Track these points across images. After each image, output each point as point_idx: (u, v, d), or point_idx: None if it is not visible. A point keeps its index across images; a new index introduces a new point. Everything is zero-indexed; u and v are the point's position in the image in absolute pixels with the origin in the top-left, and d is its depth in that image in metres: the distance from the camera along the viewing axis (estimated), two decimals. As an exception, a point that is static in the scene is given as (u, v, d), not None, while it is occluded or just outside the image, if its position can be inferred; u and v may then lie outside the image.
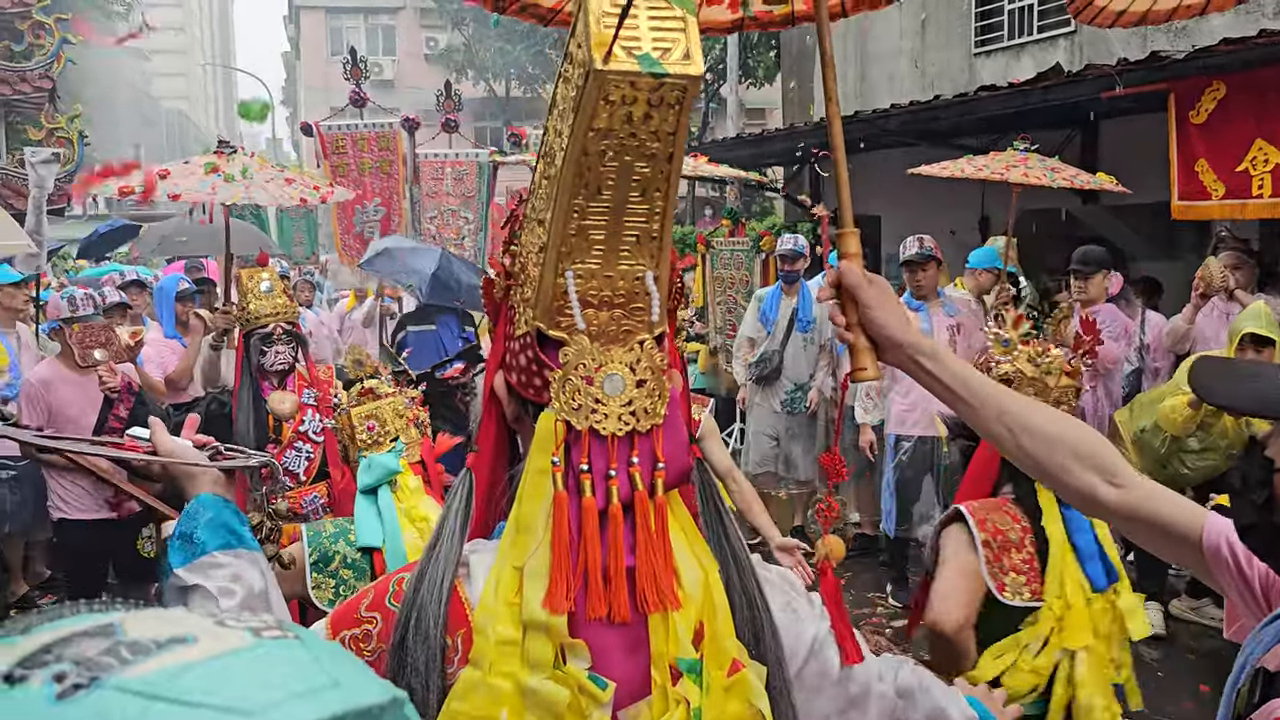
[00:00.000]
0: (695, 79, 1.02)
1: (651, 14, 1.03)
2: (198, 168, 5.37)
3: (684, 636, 1.10)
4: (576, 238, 1.11)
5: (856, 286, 1.35)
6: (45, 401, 4.80)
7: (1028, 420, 1.34)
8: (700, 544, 1.15)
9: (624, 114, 1.03)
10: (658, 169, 1.06)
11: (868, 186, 10.91)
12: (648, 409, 1.11)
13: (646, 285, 1.11)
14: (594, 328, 1.12)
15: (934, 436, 5.75)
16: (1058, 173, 5.96)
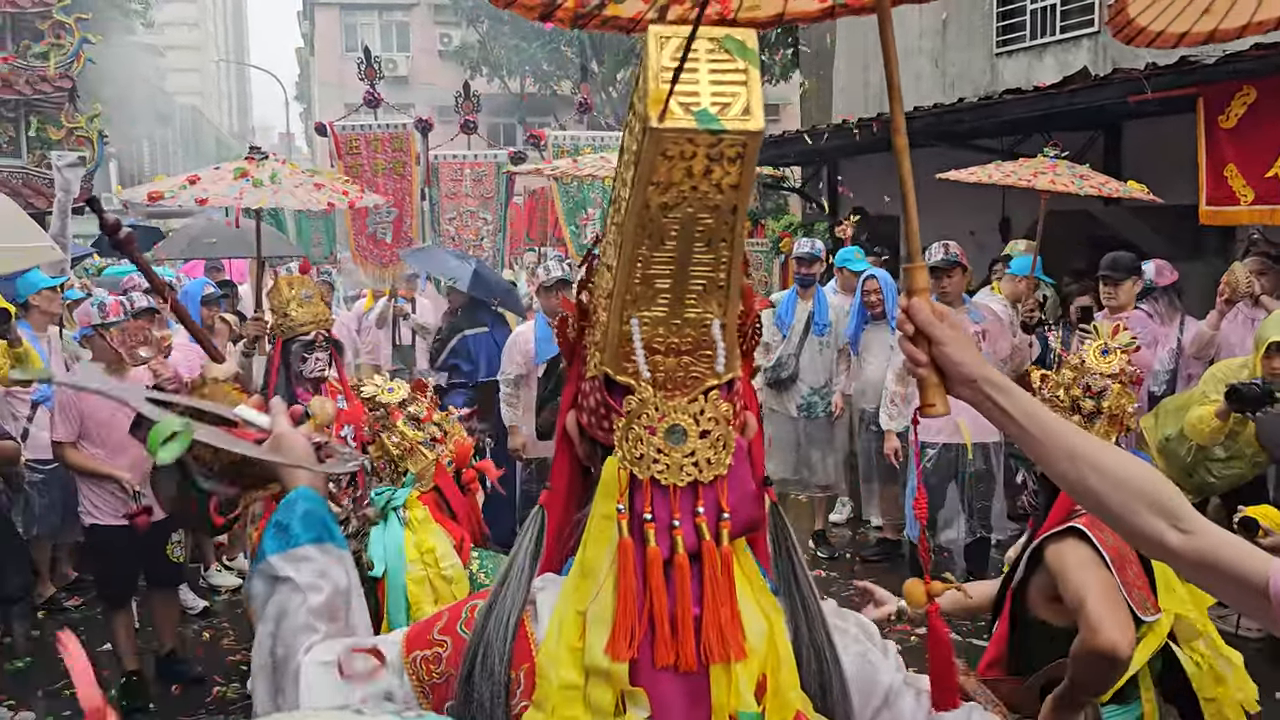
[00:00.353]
0: (755, 134, 1.01)
1: (713, 67, 1.03)
2: (227, 173, 5.40)
3: (746, 689, 1.10)
4: (641, 286, 1.12)
5: (928, 325, 1.36)
6: (78, 409, 4.82)
7: (1096, 459, 1.33)
8: (765, 594, 1.15)
9: (684, 169, 1.04)
10: (721, 220, 1.07)
11: (886, 186, 10.89)
12: (710, 460, 1.11)
13: (713, 334, 1.12)
14: (660, 374, 1.13)
15: (959, 444, 5.75)
16: (1086, 180, 5.93)
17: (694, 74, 1.02)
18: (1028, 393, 1.38)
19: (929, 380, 1.36)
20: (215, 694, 5.03)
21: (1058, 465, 1.35)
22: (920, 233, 5.61)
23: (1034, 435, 1.34)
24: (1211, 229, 7.09)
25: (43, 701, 4.97)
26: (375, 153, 9.82)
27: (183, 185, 5.52)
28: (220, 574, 6.60)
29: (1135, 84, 6.29)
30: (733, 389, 1.16)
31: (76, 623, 6.04)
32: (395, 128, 10.03)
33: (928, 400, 1.37)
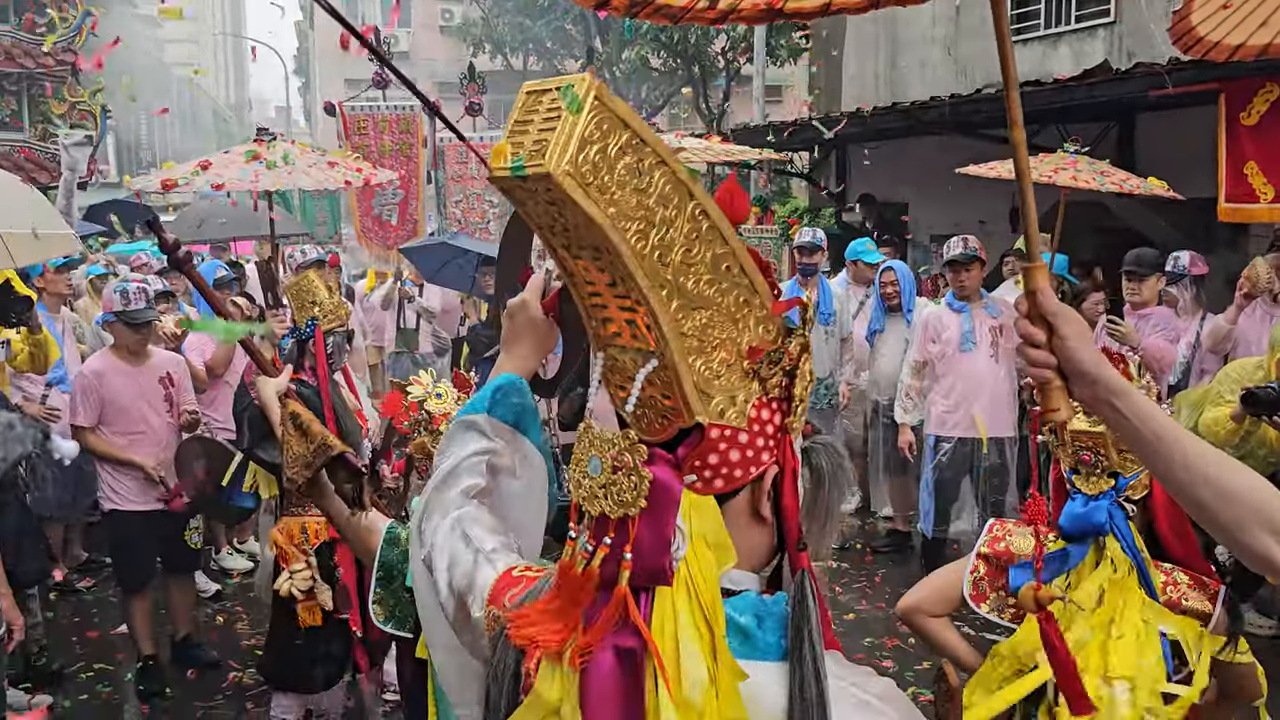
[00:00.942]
0: (544, 176, 1.01)
1: (546, 115, 1.05)
2: (238, 157, 5.36)
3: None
4: (596, 324, 1.15)
5: (1056, 314, 1.33)
6: (99, 393, 4.81)
7: (1210, 471, 1.30)
8: (725, 657, 1.08)
9: (543, 211, 1.07)
10: (608, 260, 1.06)
11: (897, 174, 10.87)
12: (620, 499, 1.10)
13: (636, 374, 1.12)
14: (618, 405, 1.17)
15: (974, 438, 5.76)
16: (1107, 177, 5.92)
17: (528, 124, 1.05)
18: (1145, 397, 1.34)
19: (1053, 383, 1.33)
20: (231, 679, 5.03)
21: (1173, 474, 1.32)
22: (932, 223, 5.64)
23: (1148, 440, 1.31)
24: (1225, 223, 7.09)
25: (59, 684, 4.97)
26: (382, 134, 9.76)
27: (195, 171, 5.49)
28: (232, 557, 6.60)
29: (1157, 78, 6.26)
30: (705, 437, 1.10)
31: (89, 604, 6.04)
32: (403, 109, 9.96)
33: (1051, 405, 1.34)
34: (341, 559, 4.12)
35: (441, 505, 1.37)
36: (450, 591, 1.30)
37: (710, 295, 1.10)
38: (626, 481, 1.09)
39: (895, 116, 8.59)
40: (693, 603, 1.09)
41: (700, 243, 1.08)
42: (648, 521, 1.09)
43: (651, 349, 1.10)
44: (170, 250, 2.06)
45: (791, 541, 1.16)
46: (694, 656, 1.07)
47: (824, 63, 13.40)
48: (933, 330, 5.86)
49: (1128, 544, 2.30)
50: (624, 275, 1.06)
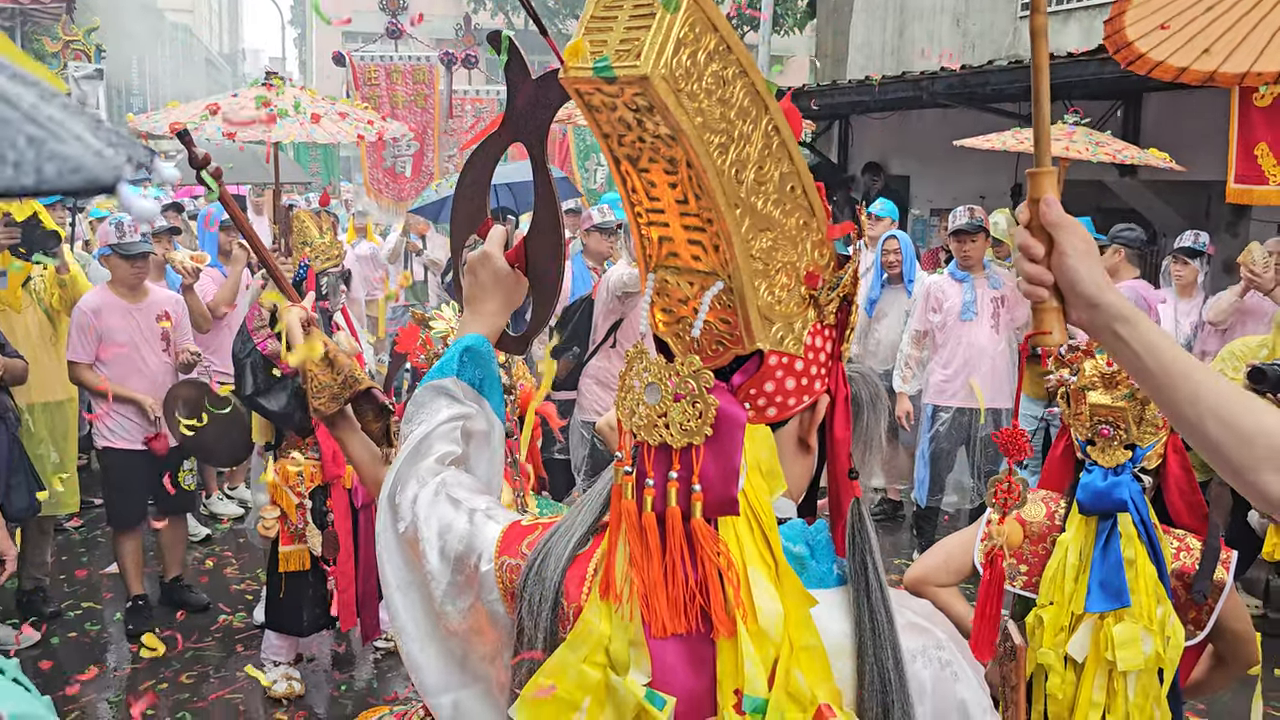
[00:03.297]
0: (641, 79, 0.94)
1: (633, 14, 0.98)
2: (249, 101, 5.26)
3: (754, 671, 1.04)
4: (651, 245, 1.10)
5: (1058, 225, 1.20)
6: (95, 329, 4.75)
7: (1222, 407, 1.18)
8: (792, 582, 1.07)
9: (616, 119, 1.01)
10: (684, 174, 1.01)
11: (899, 146, 10.82)
12: (684, 425, 1.06)
13: (702, 298, 1.08)
14: (666, 330, 1.12)
15: (972, 408, 5.76)
16: (1102, 147, 5.90)
17: (611, 21, 0.98)
18: (1153, 324, 1.22)
19: (1048, 304, 1.21)
20: (221, 621, 5.02)
21: (1181, 410, 1.21)
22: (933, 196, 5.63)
23: (1153, 372, 1.20)
24: (1224, 205, 7.07)
25: (47, 621, 4.95)
26: (395, 84, 9.64)
27: (204, 115, 5.37)
28: (222, 502, 6.57)
29: (1170, 56, 6.21)
30: (764, 364, 1.08)
31: (77, 544, 6.01)
32: (418, 59, 9.84)
33: (1043, 326, 1.22)
34: (335, 504, 4.10)
35: (417, 475, 1.30)
36: (443, 560, 1.23)
37: (777, 217, 1.07)
38: (691, 409, 1.06)
39: (904, 86, 8.51)
40: (755, 533, 1.07)
41: (771, 160, 1.04)
42: (714, 450, 1.06)
43: (714, 271, 1.07)
44: (201, 165, 2.02)
45: (843, 470, 1.14)
46: (763, 587, 1.05)
47: (832, 31, 13.28)
48: (934, 300, 5.85)
49: (1141, 518, 2.30)
50: (700, 190, 1.01)
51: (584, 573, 1.15)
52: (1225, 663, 2.48)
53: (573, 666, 1.09)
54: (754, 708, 1.04)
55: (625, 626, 1.08)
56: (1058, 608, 2.34)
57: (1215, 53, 2.31)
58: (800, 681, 1.04)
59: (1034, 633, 2.35)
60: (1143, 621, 2.26)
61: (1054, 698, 2.34)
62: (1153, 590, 2.28)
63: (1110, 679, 2.31)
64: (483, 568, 1.21)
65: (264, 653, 4.34)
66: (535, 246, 1.44)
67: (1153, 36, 2.38)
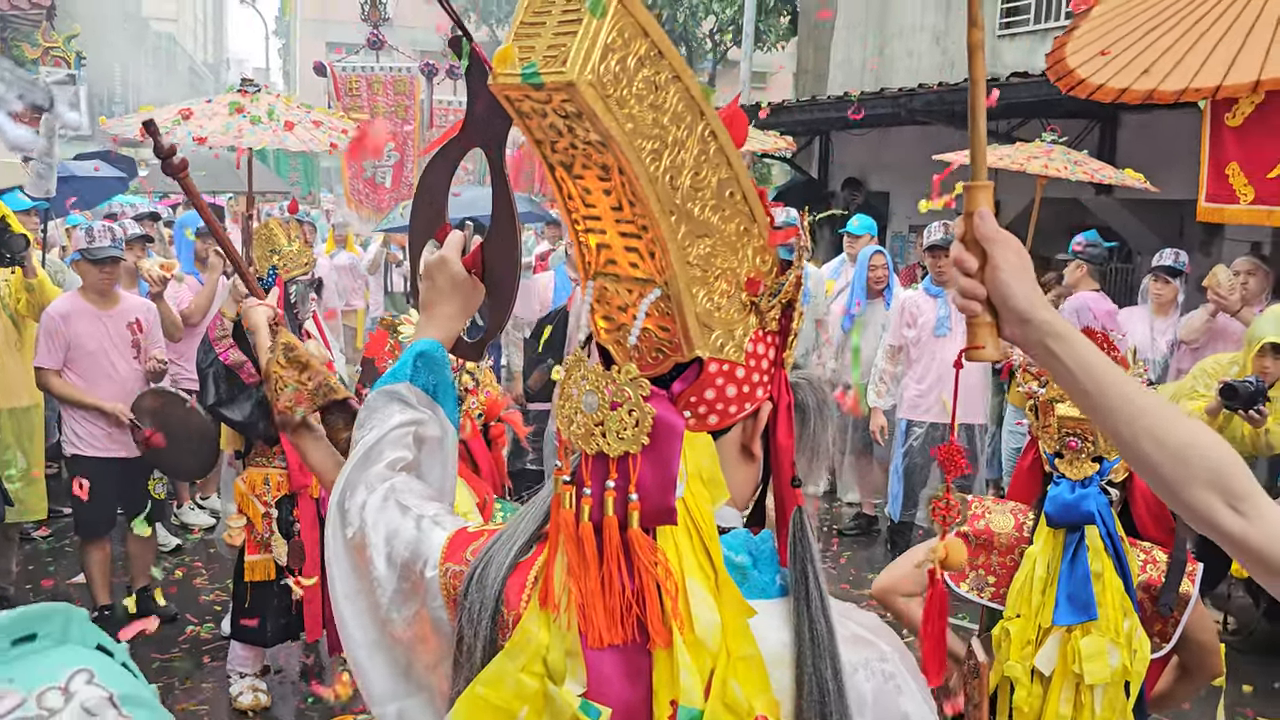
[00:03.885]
0: (568, 85, 0.93)
1: (562, 19, 0.97)
2: (222, 107, 5.24)
3: (690, 681, 1.03)
4: (589, 252, 1.09)
5: (991, 240, 1.19)
6: (64, 335, 4.71)
7: (1156, 426, 1.18)
8: (731, 593, 1.06)
9: (549, 125, 1.00)
10: (617, 180, 1.01)
11: (879, 162, 10.88)
12: (621, 434, 1.05)
13: (636, 305, 1.07)
14: (607, 338, 1.11)
15: (945, 423, 5.78)
16: (1080, 166, 5.94)
17: (539, 27, 0.97)
18: (1087, 341, 1.22)
19: (981, 318, 1.20)
20: (189, 632, 4.97)
21: (1113, 425, 1.21)
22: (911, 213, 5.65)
23: (1088, 390, 1.19)
24: (1198, 224, 7.15)
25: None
26: (376, 95, 9.63)
27: (176, 120, 5.35)
28: (193, 512, 6.51)
29: (1143, 76, 6.27)
30: (704, 371, 1.07)
31: (44, 553, 5.94)
32: (399, 71, 9.83)
33: (977, 341, 1.21)
34: (301, 514, 4.07)
35: (366, 481, 1.28)
36: (389, 566, 1.21)
37: (715, 223, 1.05)
38: (628, 417, 1.05)
39: (882, 103, 8.57)
40: (694, 542, 1.06)
41: (708, 166, 1.03)
42: (651, 459, 1.05)
43: (651, 278, 1.06)
44: (166, 156, 2.00)
45: (786, 478, 1.13)
46: (701, 597, 1.04)
47: (813, 48, 13.37)
48: (909, 315, 5.87)
49: (1108, 531, 2.30)
50: (634, 197, 1.00)
51: (524, 580, 1.14)
52: (1190, 674, 2.49)
53: (510, 675, 1.08)
54: (689, 718, 1.03)
55: (562, 636, 1.07)
56: (1025, 620, 2.34)
57: (1154, 73, 2.35)
58: (737, 692, 1.03)
59: (1000, 645, 2.35)
60: (1109, 634, 2.27)
61: (1020, 711, 2.34)
62: (1119, 603, 2.28)
63: (1077, 692, 2.31)
64: (428, 574, 1.20)
65: (230, 664, 4.30)
66: (492, 252, 1.43)
67: (1093, 63, 2.42)
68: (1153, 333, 6.16)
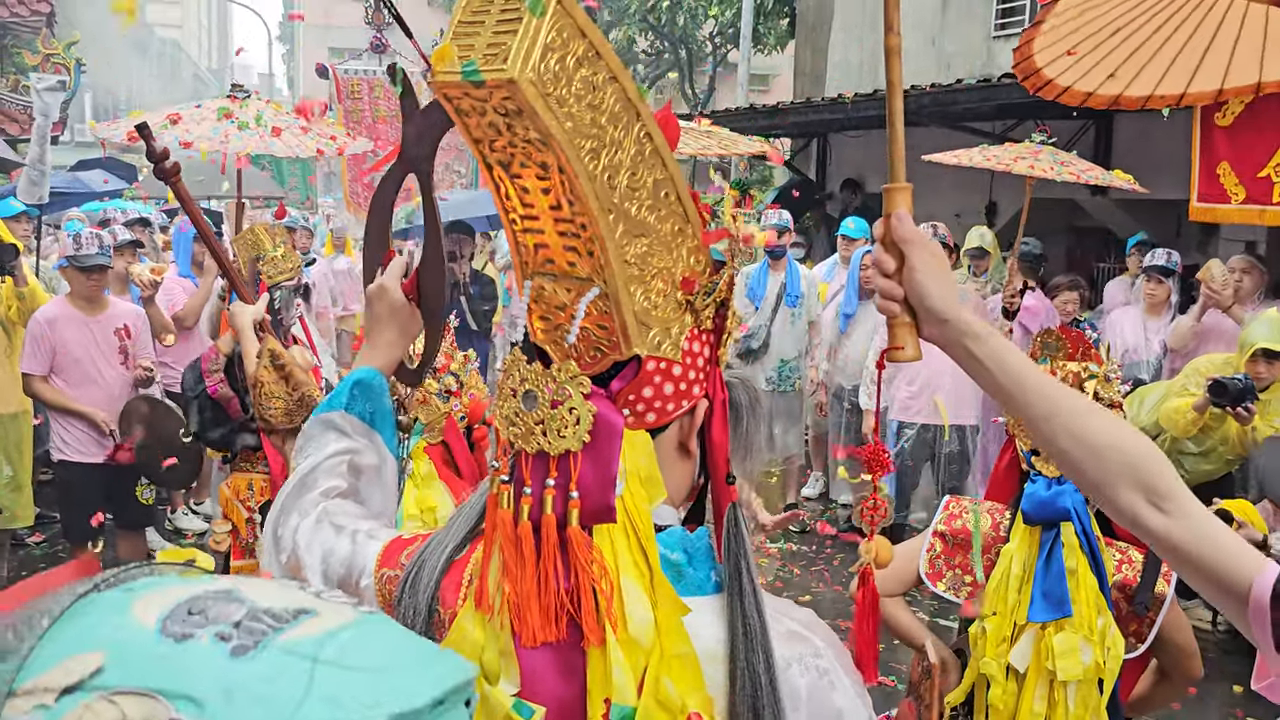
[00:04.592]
0: (508, 82, 0.93)
1: (501, 18, 0.97)
2: (210, 113, 5.25)
3: (623, 679, 1.04)
4: (526, 251, 1.10)
5: (908, 241, 1.20)
6: (50, 341, 4.72)
7: (1076, 424, 1.20)
8: (664, 589, 1.07)
9: (488, 124, 1.01)
10: (556, 179, 1.01)
11: (876, 163, 10.86)
12: (560, 432, 1.07)
13: (578, 304, 1.08)
14: (544, 337, 1.12)
15: (936, 424, 5.77)
16: (1067, 167, 5.93)
17: (478, 26, 0.98)
18: (1006, 340, 1.23)
19: (899, 319, 1.22)
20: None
21: (1037, 425, 1.22)
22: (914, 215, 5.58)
23: (1007, 389, 1.21)
24: (1194, 223, 7.14)
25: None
26: (378, 99, 9.64)
27: (164, 125, 5.37)
28: (187, 517, 6.53)
29: (1134, 75, 6.26)
30: (642, 369, 1.08)
31: (37, 559, 5.96)
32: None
33: (896, 342, 1.22)
34: None
35: (300, 507, 1.30)
36: (326, 583, 1.23)
37: (651, 222, 1.07)
38: (568, 416, 1.06)
39: (876, 105, 8.56)
40: (631, 540, 1.07)
41: (644, 166, 1.05)
42: (591, 457, 1.07)
43: (589, 277, 1.07)
44: (159, 159, 2.01)
45: (721, 475, 1.15)
46: (635, 595, 1.06)
47: (810, 50, 13.36)
48: (900, 317, 5.87)
49: (1084, 528, 2.30)
50: (573, 196, 1.01)
51: (459, 579, 1.15)
52: (1168, 677, 2.49)
53: None
54: (621, 716, 1.04)
55: (496, 636, 1.08)
56: (1000, 618, 2.34)
57: (1120, 77, 2.36)
58: (670, 689, 1.04)
59: (976, 643, 2.36)
60: (1082, 631, 2.27)
61: (995, 708, 2.34)
62: (1093, 600, 2.28)
63: (1051, 689, 2.31)
64: (363, 583, 1.21)
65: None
66: (426, 279, 1.45)
67: (1060, 63, 2.43)
68: (1146, 333, 6.15)
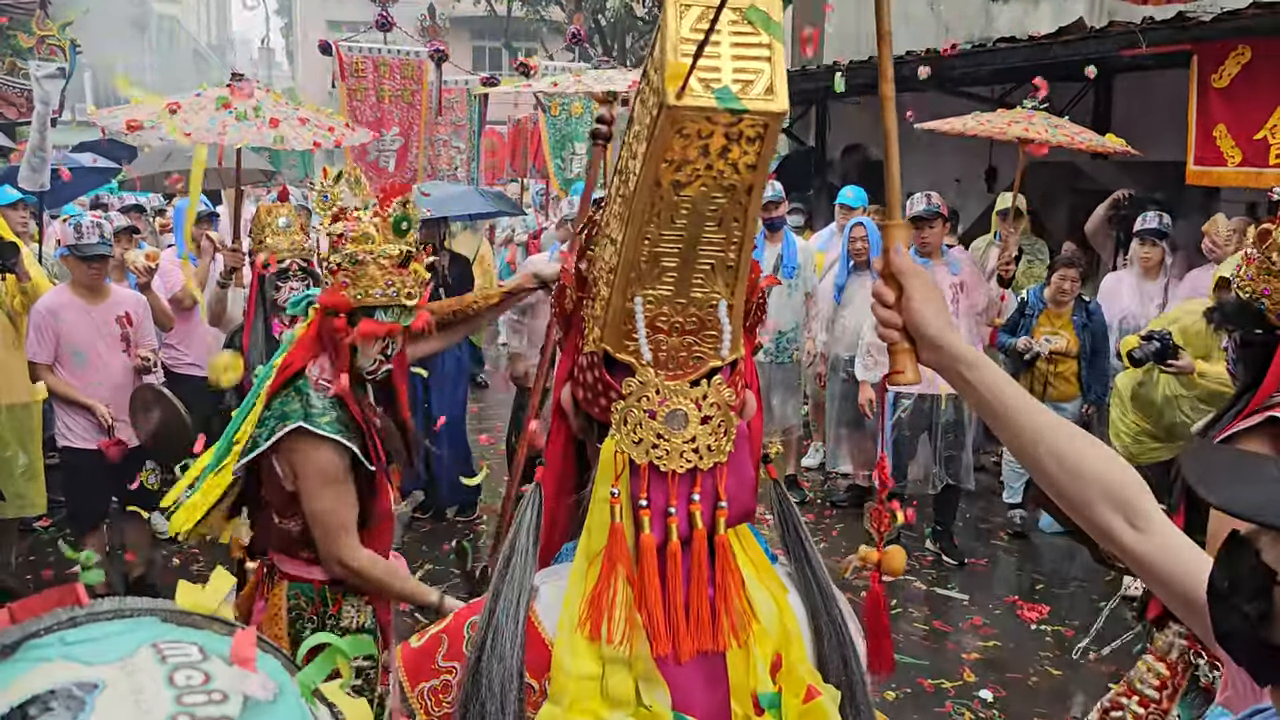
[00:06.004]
0: (777, 115, 0.96)
1: (736, 41, 0.97)
2: (209, 102, 5.25)
3: (763, 669, 1.10)
4: (648, 264, 1.08)
5: (904, 273, 1.30)
6: (53, 329, 4.77)
7: (1057, 445, 1.29)
8: (771, 575, 1.14)
9: (699, 147, 0.99)
10: (735, 200, 1.03)
11: (875, 130, 10.77)
12: (711, 446, 1.09)
13: (719, 315, 1.09)
14: (662, 354, 1.10)
15: (933, 395, 5.79)
16: (1060, 130, 5.92)
17: (716, 48, 0.96)
18: (996, 367, 1.33)
19: (899, 346, 1.31)
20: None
21: (1020, 446, 1.32)
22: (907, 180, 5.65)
23: (996, 412, 1.31)
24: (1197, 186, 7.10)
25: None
26: (383, 78, 9.56)
27: (163, 114, 5.36)
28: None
29: (1130, 37, 6.23)
30: (735, 370, 1.13)
31: (45, 543, 6.04)
32: (407, 54, 9.74)
33: (897, 366, 1.32)
34: None
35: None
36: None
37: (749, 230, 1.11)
38: (718, 429, 1.09)
39: (872, 70, 8.49)
40: (744, 536, 1.13)
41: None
42: (734, 465, 1.11)
43: (713, 290, 1.09)
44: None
45: (758, 458, 1.20)
46: (757, 587, 1.12)
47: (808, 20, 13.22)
48: (895, 287, 5.86)
49: None
50: (740, 215, 1.04)
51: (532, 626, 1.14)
52: None
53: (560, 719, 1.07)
54: (769, 703, 1.10)
55: (626, 662, 1.07)
56: None
57: None
58: (800, 669, 1.12)
59: None
60: None
61: None
62: None
63: None
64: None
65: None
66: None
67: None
68: (1141, 296, 6.15)
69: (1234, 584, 1.02)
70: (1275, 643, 0.98)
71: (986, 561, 6.06)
